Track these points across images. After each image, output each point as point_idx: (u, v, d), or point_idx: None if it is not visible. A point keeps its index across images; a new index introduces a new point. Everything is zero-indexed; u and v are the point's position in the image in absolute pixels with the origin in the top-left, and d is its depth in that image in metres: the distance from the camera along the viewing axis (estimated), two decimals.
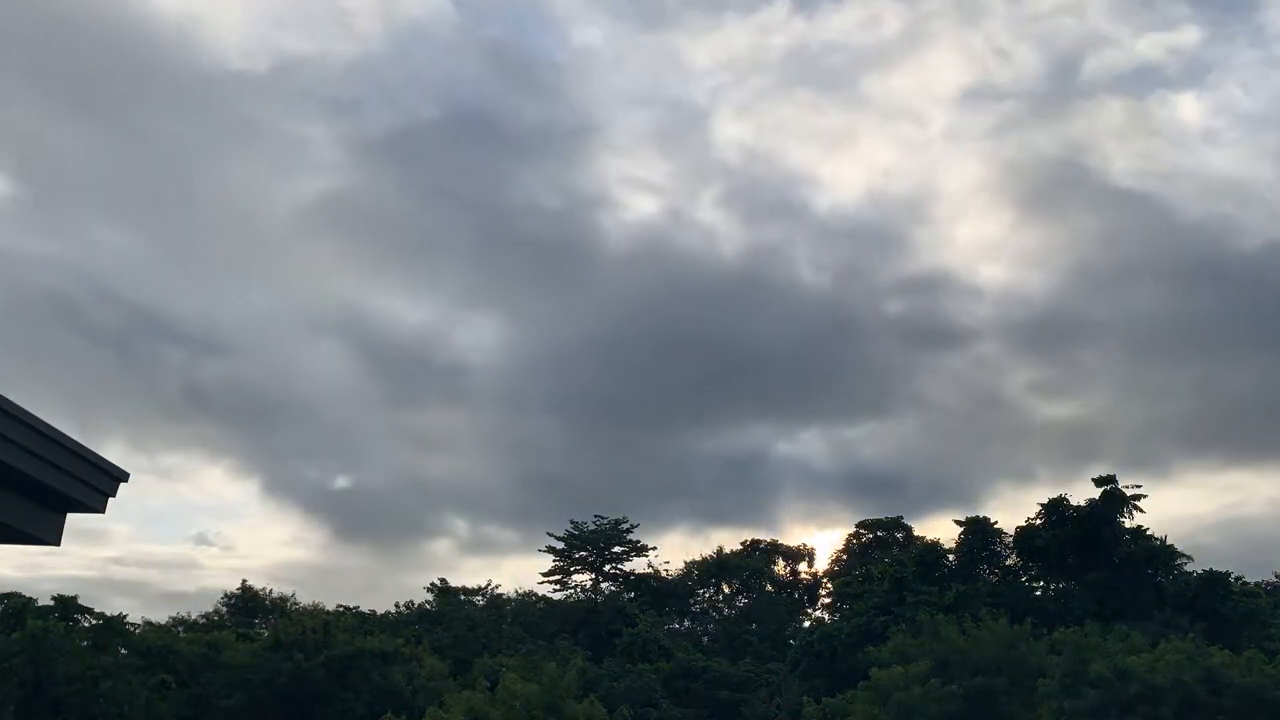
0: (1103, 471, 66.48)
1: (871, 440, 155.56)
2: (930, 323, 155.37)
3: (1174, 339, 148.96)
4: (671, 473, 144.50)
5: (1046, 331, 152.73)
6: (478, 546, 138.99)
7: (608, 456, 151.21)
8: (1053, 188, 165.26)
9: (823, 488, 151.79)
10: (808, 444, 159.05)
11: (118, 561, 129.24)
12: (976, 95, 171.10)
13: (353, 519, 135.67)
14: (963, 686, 45.55)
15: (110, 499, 7.24)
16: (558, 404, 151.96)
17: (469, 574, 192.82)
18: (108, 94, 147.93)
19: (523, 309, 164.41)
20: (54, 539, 7.07)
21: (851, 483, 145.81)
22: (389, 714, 45.82)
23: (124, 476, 7.21)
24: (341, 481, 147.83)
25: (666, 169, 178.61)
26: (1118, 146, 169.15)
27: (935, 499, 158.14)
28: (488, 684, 51.32)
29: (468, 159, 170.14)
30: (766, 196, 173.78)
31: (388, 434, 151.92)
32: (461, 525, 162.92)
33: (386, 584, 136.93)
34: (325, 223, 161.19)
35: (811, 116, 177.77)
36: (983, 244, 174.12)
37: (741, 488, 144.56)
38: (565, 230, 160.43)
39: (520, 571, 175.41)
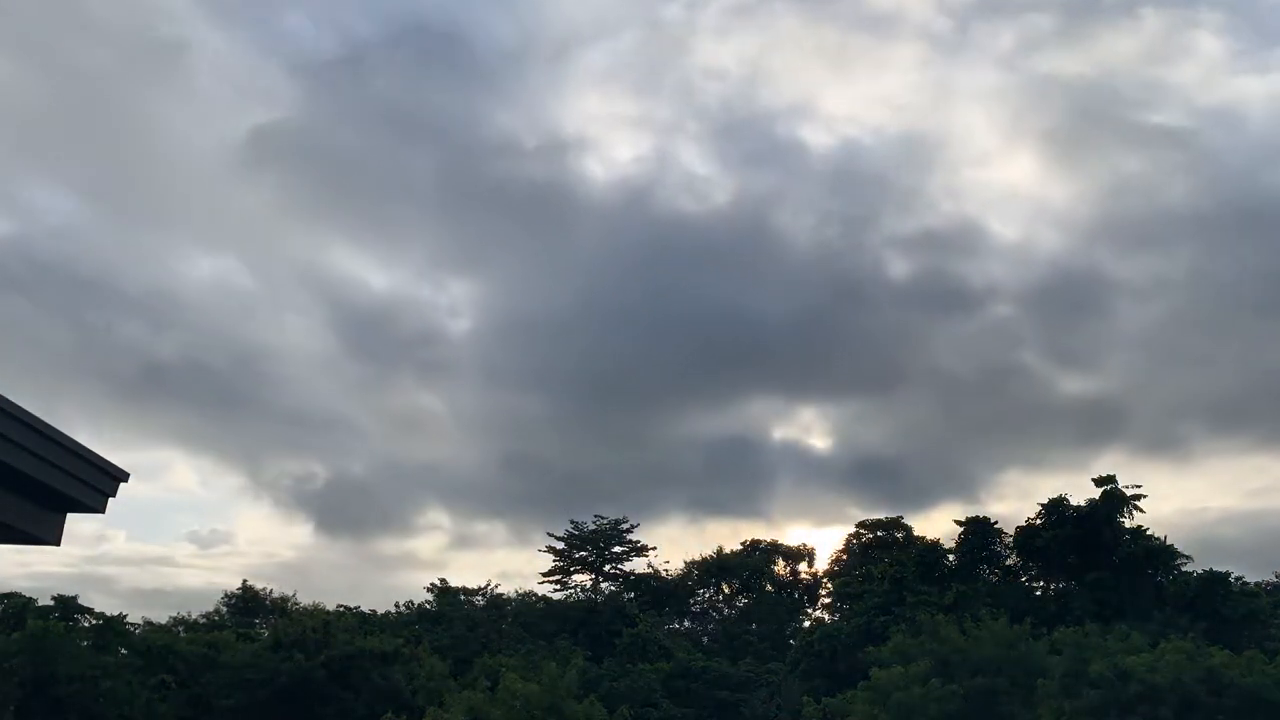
0: (1119, 455, 66.85)
1: (874, 420, 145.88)
2: (939, 284, 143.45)
3: (1209, 300, 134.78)
4: (664, 458, 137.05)
5: (1066, 294, 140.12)
6: (464, 540, 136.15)
7: (597, 439, 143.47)
8: (1077, 124, 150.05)
9: (822, 474, 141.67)
10: (807, 425, 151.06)
11: (95, 560, 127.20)
12: (994, 6, 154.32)
13: (333, 513, 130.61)
14: (963, 686, 45.53)
15: (110, 499, 7.24)
16: (540, 380, 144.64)
17: (458, 568, 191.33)
18: (13, 24, 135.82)
19: (498, 270, 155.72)
20: (54, 539, 7.08)
21: (853, 469, 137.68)
22: (389, 714, 45.81)
23: (124, 476, 7.21)
24: (318, 473, 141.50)
25: (646, 105, 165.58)
26: (1151, 73, 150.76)
27: (941, 487, 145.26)
28: (488, 684, 51.24)
29: (429, 88, 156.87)
30: (755, 138, 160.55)
31: (365, 417, 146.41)
32: (444, 516, 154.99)
33: (373, 580, 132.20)
34: (271, 168, 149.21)
35: (803, 35, 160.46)
36: (998, 192, 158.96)
37: (737, 472, 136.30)
38: (542, 180, 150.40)
39: (509, 564, 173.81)
